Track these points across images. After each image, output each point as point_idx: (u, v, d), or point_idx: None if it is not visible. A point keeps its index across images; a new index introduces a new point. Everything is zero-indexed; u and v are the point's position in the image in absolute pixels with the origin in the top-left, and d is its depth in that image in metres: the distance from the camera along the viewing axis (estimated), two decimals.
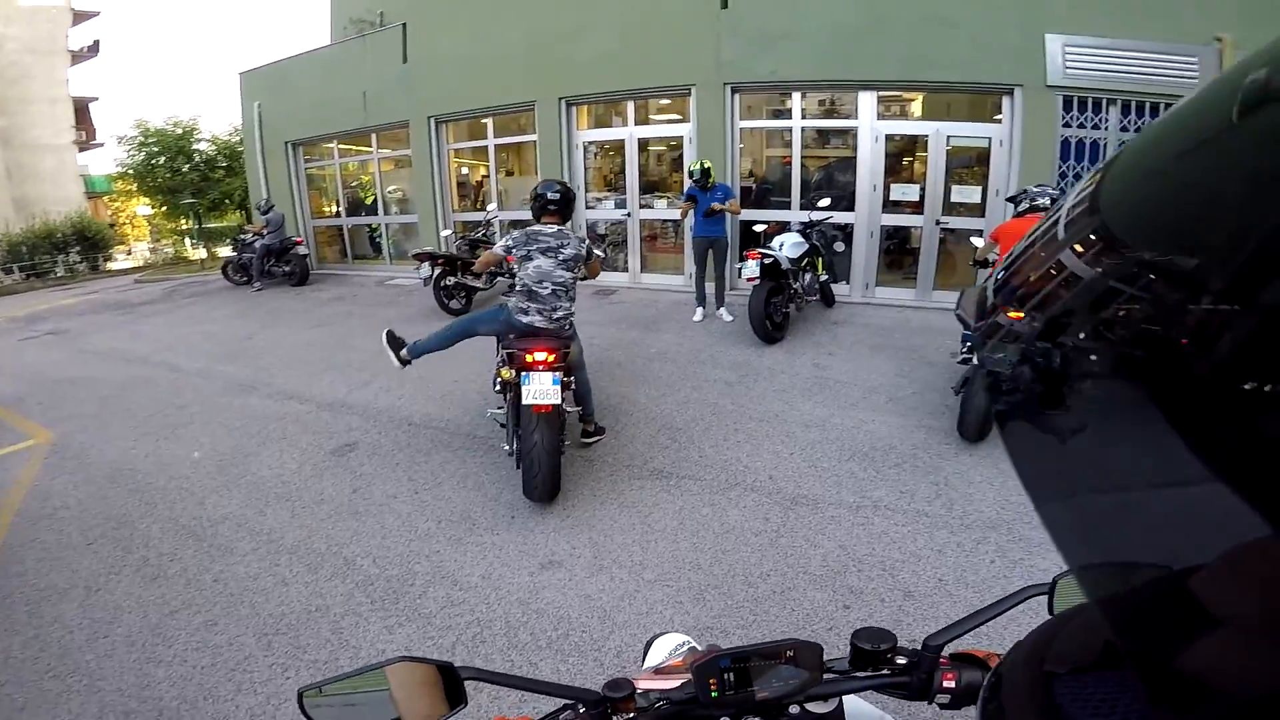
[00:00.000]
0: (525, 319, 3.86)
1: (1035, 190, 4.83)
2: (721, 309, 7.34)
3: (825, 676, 0.87)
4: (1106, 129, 7.37)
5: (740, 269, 6.16)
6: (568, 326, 4.01)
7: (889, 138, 8.08)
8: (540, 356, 3.57)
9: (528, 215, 4.15)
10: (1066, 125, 7.39)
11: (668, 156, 9.69)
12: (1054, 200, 4.35)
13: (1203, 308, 0.28)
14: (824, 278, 7.32)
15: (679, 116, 9.09)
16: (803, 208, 8.04)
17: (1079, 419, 0.36)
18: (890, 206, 8.14)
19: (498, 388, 3.92)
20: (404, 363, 4.23)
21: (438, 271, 8.33)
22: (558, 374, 3.58)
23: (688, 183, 7.06)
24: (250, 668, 2.68)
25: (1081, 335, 0.36)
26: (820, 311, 7.65)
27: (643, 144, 9.44)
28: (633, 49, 8.69)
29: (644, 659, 1.42)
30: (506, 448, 3.91)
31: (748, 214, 8.11)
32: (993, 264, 4.30)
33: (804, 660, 0.83)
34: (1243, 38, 6.69)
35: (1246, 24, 6.73)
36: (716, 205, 6.80)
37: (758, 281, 5.96)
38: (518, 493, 3.72)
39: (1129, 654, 0.31)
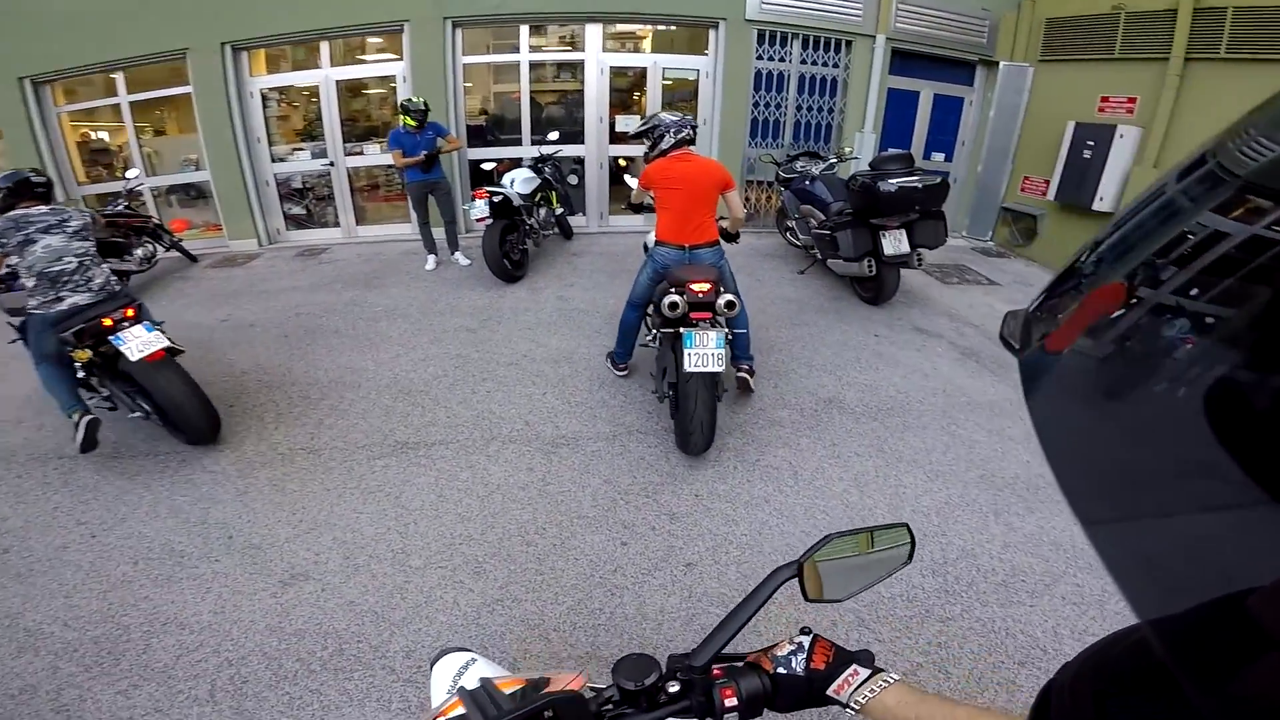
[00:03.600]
0: (63, 306, 3.39)
1: (669, 120, 3.82)
2: (457, 254, 6.85)
3: None
4: (790, 62, 7.98)
5: (469, 209, 5.90)
6: (117, 286, 3.65)
7: (614, 70, 8.04)
8: (110, 323, 3.34)
9: (188, 176, 3.38)
10: (760, 58, 7.85)
11: (379, 98, 8.52)
12: (694, 128, 3.87)
13: (1257, 331, 0.29)
14: (560, 211, 7.29)
15: (393, 55, 7.96)
16: (533, 143, 7.82)
17: (1131, 446, 0.35)
18: (617, 138, 8.20)
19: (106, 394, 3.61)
20: None
21: None
22: (146, 324, 3.40)
23: (399, 126, 6.26)
24: None
25: (1131, 360, 0.37)
26: (560, 244, 7.57)
27: (352, 87, 8.25)
28: None
29: (430, 679, 1.24)
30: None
31: (478, 153, 7.74)
32: (649, 207, 3.99)
33: (567, 715, 0.76)
34: None
35: None
36: (431, 152, 6.23)
37: (490, 221, 5.76)
38: (231, 509, 3.12)
39: (1184, 676, 0.30)
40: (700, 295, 3.27)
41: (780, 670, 0.86)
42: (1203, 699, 0.29)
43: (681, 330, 3.24)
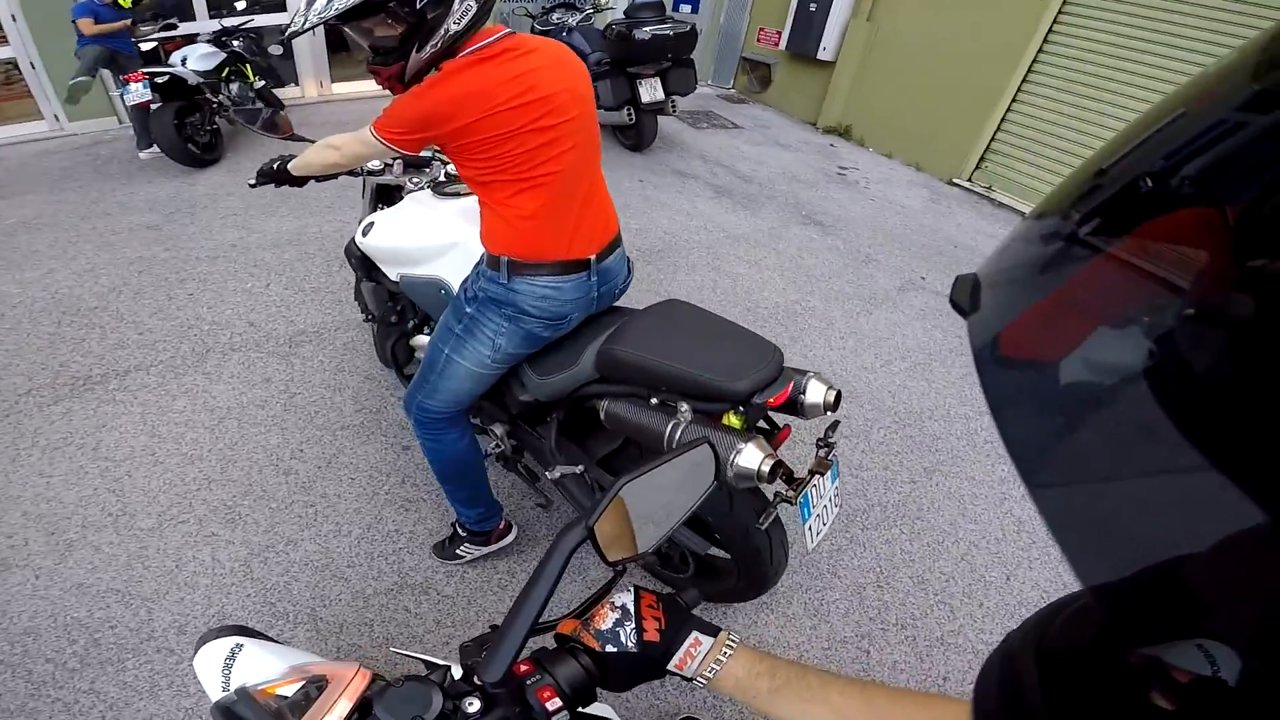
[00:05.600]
0: None
1: None
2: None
3: None
4: None
5: (123, 95, 4.88)
6: None
7: None
8: None
9: None
10: None
11: None
12: None
13: (1196, 299, 0.29)
14: (260, 84, 6.38)
15: None
16: (213, 16, 6.63)
17: (1075, 409, 0.35)
18: None
19: None
20: None
21: None
22: None
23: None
24: None
25: (1079, 323, 0.37)
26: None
27: None
28: None
29: (198, 675, 0.93)
30: None
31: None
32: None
33: None
34: None
35: None
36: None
37: (157, 104, 4.84)
38: None
39: (1124, 641, 0.32)
40: (772, 406, 1.45)
41: (608, 648, 0.71)
42: (1140, 665, 0.32)
43: (785, 494, 1.49)
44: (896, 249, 4.50)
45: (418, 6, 1.38)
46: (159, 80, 4.75)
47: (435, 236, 1.90)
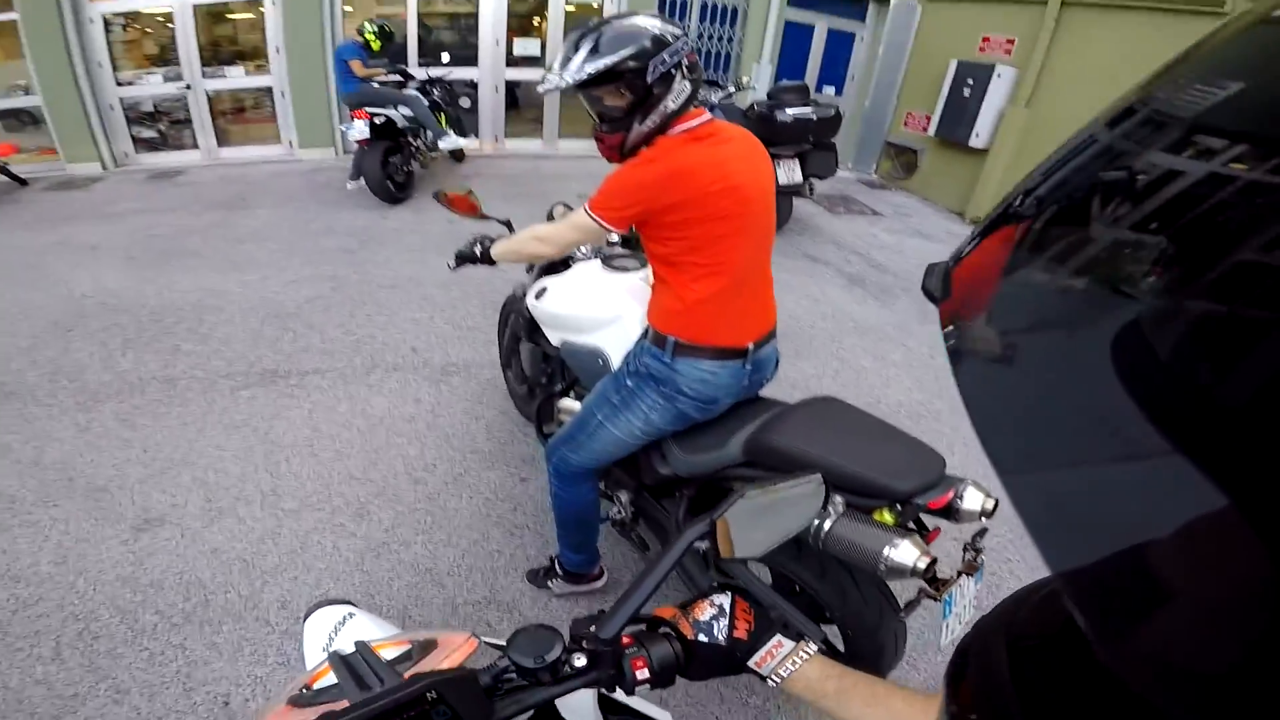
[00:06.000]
0: None
1: (669, 34, 1.66)
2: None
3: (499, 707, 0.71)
4: None
5: (347, 130, 5.64)
6: None
7: None
8: None
9: (15, 101, 2.76)
10: None
11: (246, 23, 7.59)
12: None
13: (1162, 283, 0.30)
14: (449, 134, 7.03)
15: None
16: (421, 65, 7.54)
17: (1043, 395, 0.36)
18: (515, 62, 8.02)
19: None
20: None
21: None
22: None
23: (350, 41, 6.06)
24: None
25: (1043, 310, 0.38)
26: (450, 167, 7.32)
27: (214, 12, 7.35)
28: None
29: (303, 635, 1.13)
30: None
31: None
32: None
33: (456, 699, 0.65)
34: None
35: None
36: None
37: (371, 142, 5.58)
38: (71, 448, 2.77)
39: (1089, 628, 0.30)
40: (931, 509, 1.50)
41: (701, 637, 0.79)
42: (1103, 650, 0.30)
43: (929, 592, 1.52)
44: None
45: (648, 80, 1.53)
46: (376, 121, 5.47)
47: (603, 309, 2.03)
